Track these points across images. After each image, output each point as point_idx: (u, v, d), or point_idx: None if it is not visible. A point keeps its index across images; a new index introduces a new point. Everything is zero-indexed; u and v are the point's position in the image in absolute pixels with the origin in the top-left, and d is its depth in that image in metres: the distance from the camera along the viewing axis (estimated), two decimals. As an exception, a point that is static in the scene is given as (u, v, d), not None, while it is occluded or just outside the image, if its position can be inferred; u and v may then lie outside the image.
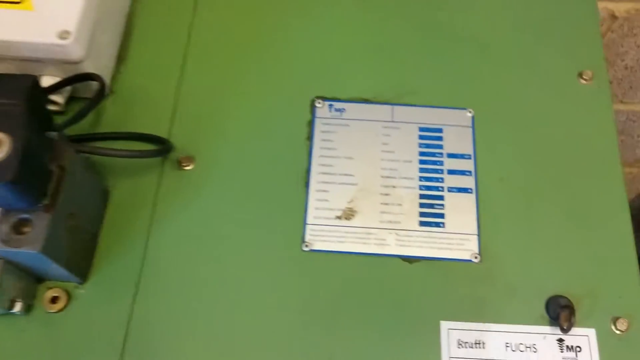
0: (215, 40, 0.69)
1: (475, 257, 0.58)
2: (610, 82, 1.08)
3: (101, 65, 0.62)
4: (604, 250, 0.59)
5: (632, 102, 1.12)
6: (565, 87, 0.67)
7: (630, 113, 1.16)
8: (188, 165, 0.62)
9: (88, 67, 0.59)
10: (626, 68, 1.05)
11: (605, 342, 0.55)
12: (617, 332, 0.55)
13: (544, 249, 0.59)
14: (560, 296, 0.56)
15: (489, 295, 0.57)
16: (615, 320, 0.55)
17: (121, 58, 0.67)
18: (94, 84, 0.58)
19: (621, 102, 1.12)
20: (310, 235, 0.59)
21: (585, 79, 0.67)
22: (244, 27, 0.70)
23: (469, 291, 0.57)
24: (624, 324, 0.55)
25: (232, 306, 0.56)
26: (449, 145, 0.64)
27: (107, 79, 0.63)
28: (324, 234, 0.59)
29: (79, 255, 0.55)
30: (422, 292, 0.57)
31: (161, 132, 0.63)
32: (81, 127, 0.61)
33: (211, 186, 0.61)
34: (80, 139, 0.60)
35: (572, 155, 0.64)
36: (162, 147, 0.59)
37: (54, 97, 0.59)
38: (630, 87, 1.08)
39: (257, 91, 0.66)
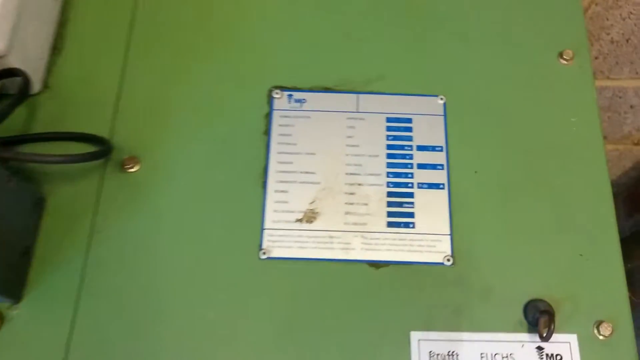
0: (161, 26, 0.62)
1: (448, 260, 0.54)
2: (596, 58, 1.03)
3: (29, 57, 0.56)
4: (586, 248, 0.54)
5: (619, 78, 1.07)
6: (544, 69, 0.62)
7: (616, 89, 1.10)
8: (132, 167, 0.56)
9: (14, 61, 0.53)
10: (612, 42, 0.99)
11: (588, 349, 0.50)
12: (601, 337, 0.51)
13: (522, 248, 0.54)
14: (539, 300, 0.52)
15: (463, 300, 0.52)
16: (598, 325, 0.51)
17: (57, 49, 0.61)
18: (19, 80, 0.52)
19: (607, 78, 1.07)
20: (268, 241, 0.54)
21: (565, 59, 0.61)
22: (193, 12, 0.63)
23: (441, 297, 0.52)
24: (608, 328, 0.50)
25: (183, 322, 0.51)
26: (419, 137, 0.59)
27: (38, 73, 0.57)
28: (283, 239, 0.54)
29: (9, 274, 0.49)
30: (390, 301, 0.52)
31: (102, 131, 0.57)
32: (11, 127, 0.55)
33: (158, 190, 0.56)
34: (9, 142, 0.54)
35: (552, 144, 0.59)
36: (100, 149, 0.54)
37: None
38: (617, 63, 1.03)
39: (208, 82, 0.60)
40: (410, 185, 0.57)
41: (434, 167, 0.57)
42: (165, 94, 0.59)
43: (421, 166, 0.57)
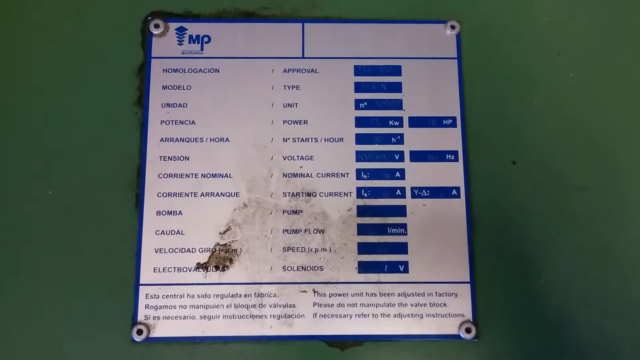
0: None
1: (468, 331, 0.30)
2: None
3: None
4: None
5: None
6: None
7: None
8: None
9: None
10: None
11: None
12: None
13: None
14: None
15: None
16: None
17: None
18: None
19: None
20: (148, 309, 0.30)
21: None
22: None
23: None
24: None
25: None
26: (413, 101, 0.33)
27: None
28: (173, 303, 0.30)
29: None
30: (366, 410, 0.29)
31: None
32: None
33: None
34: None
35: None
36: None
37: None
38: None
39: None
40: (399, 192, 0.32)
41: (441, 156, 0.32)
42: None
43: (418, 156, 0.32)
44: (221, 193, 0.32)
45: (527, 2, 0.35)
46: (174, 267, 0.31)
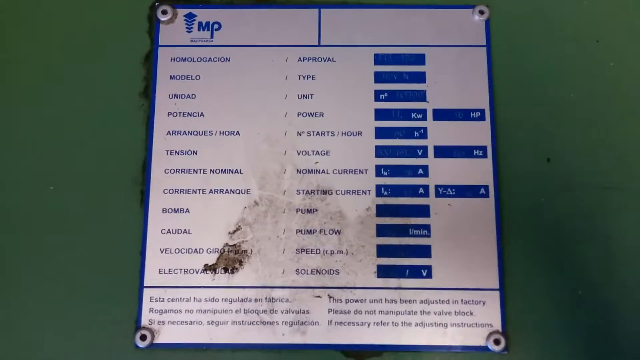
0: None
1: (497, 342, 0.28)
2: None
3: None
4: None
5: None
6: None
7: None
8: None
9: None
10: None
11: None
12: None
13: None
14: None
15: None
16: None
17: None
18: None
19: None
20: (152, 313, 0.28)
21: None
22: None
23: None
24: None
25: None
26: (438, 93, 0.30)
27: None
28: (179, 307, 0.28)
29: None
30: None
31: None
32: None
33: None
34: None
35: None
36: None
37: None
38: None
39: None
40: (422, 191, 0.29)
41: (468, 152, 0.30)
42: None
43: (442, 152, 0.30)
44: (231, 190, 0.30)
45: (563, -15, 0.32)
46: (180, 269, 0.29)
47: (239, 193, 0.30)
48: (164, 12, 0.31)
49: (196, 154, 0.30)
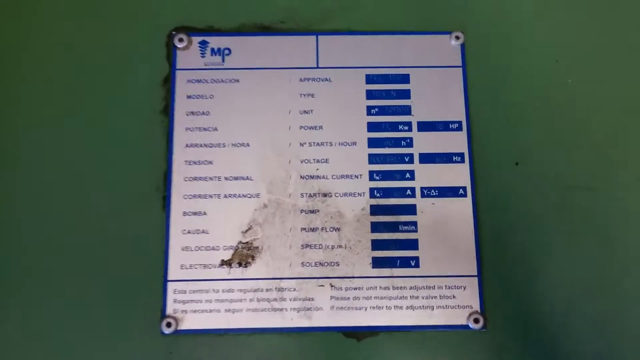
0: None
1: (476, 321, 0.32)
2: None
3: None
4: None
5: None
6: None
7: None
8: None
9: None
10: None
11: None
12: None
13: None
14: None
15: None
16: None
17: None
18: None
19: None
20: (176, 303, 0.32)
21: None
22: None
23: (465, 386, 0.32)
24: None
25: None
26: (421, 107, 0.35)
27: None
28: (199, 298, 0.32)
29: None
30: (381, 396, 0.31)
31: None
32: None
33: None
34: None
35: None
36: None
37: None
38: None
39: (65, 29, 0.35)
40: (409, 192, 0.34)
41: (448, 158, 0.34)
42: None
43: (426, 158, 0.34)
44: (243, 194, 0.34)
45: (527, 13, 0.37)
46: (200, 264, 0.33)
47: (250, 197, 0.34)
48: (181, 40, 0.36)
49: (211, 163, 0.34)
